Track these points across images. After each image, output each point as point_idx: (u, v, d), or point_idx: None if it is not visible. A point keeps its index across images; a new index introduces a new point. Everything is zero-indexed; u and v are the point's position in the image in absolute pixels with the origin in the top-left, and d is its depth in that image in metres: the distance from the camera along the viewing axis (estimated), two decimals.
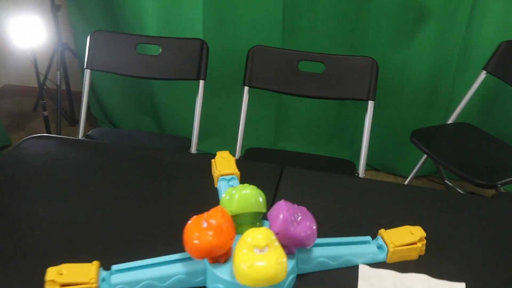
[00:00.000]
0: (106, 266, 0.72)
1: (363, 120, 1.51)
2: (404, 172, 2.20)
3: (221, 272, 0.70)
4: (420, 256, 0.81)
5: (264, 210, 0.75)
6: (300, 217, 0.71)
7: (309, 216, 0.73)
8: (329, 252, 0.76)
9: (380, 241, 0.80)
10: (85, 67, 1.65)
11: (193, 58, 1.62)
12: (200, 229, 0.69)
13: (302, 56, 1.57)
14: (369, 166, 2.32)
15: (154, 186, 0.97)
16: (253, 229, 0.66)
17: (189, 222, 0.71)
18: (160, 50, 1.63)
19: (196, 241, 0.68)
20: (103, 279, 0.70)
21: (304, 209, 0.74)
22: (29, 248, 0.79)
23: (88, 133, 1.71)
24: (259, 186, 0.96)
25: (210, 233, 0.68)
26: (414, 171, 1.98)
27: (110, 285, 0.70)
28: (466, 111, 1.92)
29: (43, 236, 0.81)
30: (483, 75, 1.81)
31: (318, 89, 1.56)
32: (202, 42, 1.61)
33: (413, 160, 2.03)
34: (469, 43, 1.96)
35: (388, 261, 0.79)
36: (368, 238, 0.81)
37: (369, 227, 0.84)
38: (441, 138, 1.81)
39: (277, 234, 0.69)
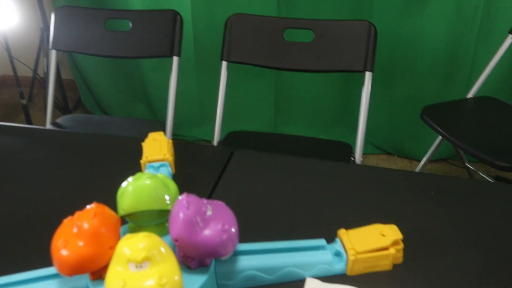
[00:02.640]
0: None
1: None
2: (420, 156, 1.94)
3: None
4: (395, 266, 0.59)
5: (170, 208, 0.55)
6: (210, 215, 0.51)
7: (227, 214, 0.53)
8: (262, 262, 0.56)
9: (338, 245, 0.59)
10: (50, 47, 1.49)
11: (165, 32, 1.43)
12: (69, 235, 0.50)
13: (287, 24, 1.35)
14: (380, 149, 2.08)
15: (66, 177, 0.79)
16: (130, 235, 0.47)
17: (61, 226, 0.52)
18: (131, 25, 1.45)
19: (63, 252, 0.49)
20: None
21: (220, 204, 0.54)
22: None
23: (58, 120, 1.55)
24: (201, 173, 0.78)
25: (81, 241, 0.49)
26: (429, 153, 1.73)
27: None
28: (489, 83, 1.66)
29: None
30: (509, 39, 1.54)
31: (307, 60, 1.34)
32: (175, 13, 1.42)
33: (429, 142, 1.78)
34: (493, 3, 1.68)
35: (349, 273, 0.58)
36: (322, 241, 0.59)
37: (331, 227, 0.63)
38: (458, 115, 1.55)
39: (175, 241, 0.50)
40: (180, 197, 0.52)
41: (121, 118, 1.74)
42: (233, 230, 0.52)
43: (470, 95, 1.62)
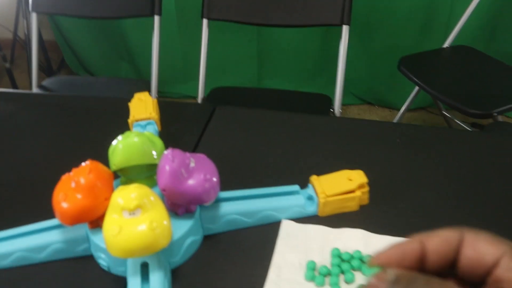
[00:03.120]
0: None
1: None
2: (400, 105, 2.00)
3: (100, 239, 0.57)
4: (361, 208, 0.67)
5: (157, 162, 0.61)
6: (193, 167, 0.57)
7: (208, 165, 0.59)
8: (242, 207, 0.63)
9: (310, 190, 0.66)
10: (30, 9, 1.49)
11: None
12: (68, 190, 0.56)
13: None
14: (361, 100, 2.14)
15: (56, 138, 0.84)
16: (123, 187, 0.53)
17: (60, 182, 0.58)
18: None
19: (63, 204, 0.55)
20: None
21: (202, 157, 0.60)
22: None
23: (43, 82, 1.58)
24: (184, 129, 0.83)
25: (79, 194, 0.55)
26: (407, 103, 1.79)
27: None
28: (466, 33, 1.70)
29: None
30: None
31: (286, 16, 1.37)
32: None
33: (408, 91, 1.84)
34: None
35: (320, 214, 0.65)
36: (296, 187, 0.66)
37: (305, 175, 0.69)
38: (434, 65, 1.61)
39: (163, 190, 0.56)
40: (165, 152, 0.57)
41: (106, 78, 1.76)
42: (214, 179, 0.58)
43: (446, 44, 1.67)
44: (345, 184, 0.65)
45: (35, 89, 1.52)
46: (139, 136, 0.61)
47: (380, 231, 0.62)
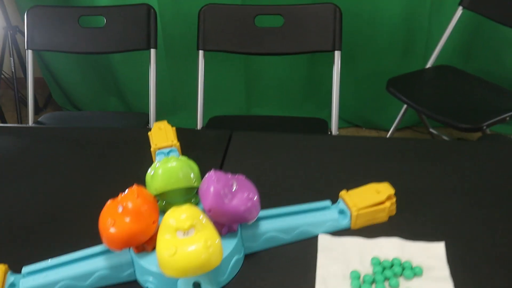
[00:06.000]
0: (17, 268, 0.61)
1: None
2: (386, 126, 2.07)
3: (148, 262, 0.58)
4: (390, 218, 0.70)
5: (196, 185, 0.63)
6: (235, 188, 0.59)
7: (248, 185, 0.61)
8: (280, 224, 0.65)
9: (341, 205, 0.68)
10: (26, 47, 1.50)
11: (140, 26, 1.47)
12: (115, 215, 0.57)
13: (257, 10, 1.42)
14: (349, 123, 2.20)
15: (82, 169, 0.84)
16: (174, 208, 0.54)
17: (105, 208, 0.59)
18: (105, 20, 1.48)
19: (112, 230, 0.56)
20: (12, 285, 0.59)
21: (242, 178, 0.62)
22: None
23: (39, 119, 1.57)
24: (205, 155, 0.85)
25: (127, 218, 0.56)
26: (395, 123, 1.86)
27: None
28: (445, 53, 1.79)
29: None
30: (459, 11, 1.67)
31: (279, 44, 1.42)
32: (148, 7, 1.46)
33: (394, 112, 1.90)
34: None
35: (353, 227, 0.68)
36: (327, 203, 0.69)
37: (331, 191, 0.72)
38: (420, 84, 1.68)
39: (209, 211, 0.58)
40: (208, 174, 0.59)
41: (103, 112, 1.77)
42: (255, 198, 0.60)
43: (429, 65, 1.75)
44: (374, 197, 0.68)
45: (32, 125, 1.51)
46: (177, 160, 0.62)
47: (411, 238, 0.65)
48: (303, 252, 0.64)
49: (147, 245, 0.59)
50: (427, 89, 1.66)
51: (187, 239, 0.52)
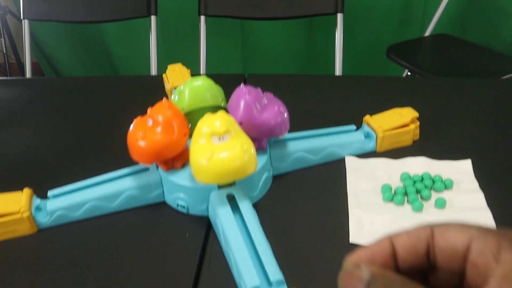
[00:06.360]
0: (42, 194, 0.59)
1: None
2: None
3: (179, 177, 0.57)
4: (414, 142, 0.69)
5: (223, 104, 0.62)
6: (266, 102, 0.58)
7: (278, 101, 0.60)
8: (307, 145, 0.64)
9: (366, 128, 0.68)
10: (22, 17, 1.47)
11: None
12: (145, 128, 0.56)
13: None
14: None
15: (100, 112, 0.83)
16: (208, 115, 0.53)
17: (132, 125, 0.57)
18: None
19: (141, 143, 0.55)
20: (38, 208, 0.57)
21: (270, 95, 0.61)
22: None
23: None
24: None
25: (158, 129, 0.55)
26: None
27: (47, 213, 0.57)
28: (443, 22, 1.80)
29: None
30: None
31: (282, 8, 1.42)
32: None
33: None
34: None
35: (378, 149, 0.67)
36: (353, 127, 0.68)
37: (355, 120, 0.71)
38: (419, 50, 1.69)
39: (240, 123, 0.57)
40: (238, 88, 0.59)
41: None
42: (285, 113, 0.59)
43: (427, 33, 1.76)
44: (398, 119, 0.68)
45: None
46: (203, 79, 0.61)
47: (437, 158, 0.65)
48: (331, 173, 0.64)
49: (177, 161, 0.58)
50: (427, 55, 1.67)
51: (223, 144, 0.51)
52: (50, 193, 0.59)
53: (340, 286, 0.22)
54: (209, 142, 0.52)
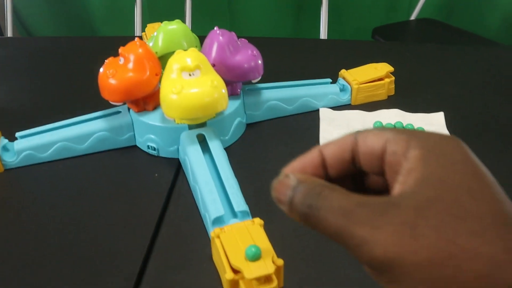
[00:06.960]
0: (12, 138, 0.58)
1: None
2: None
3: (150, 118, 0.57)
4: (389, 97, 0.70)
5: (197, 47, 0.62)
6: (239, 45, 0.58)
7: (251, 46, 0.60)
8: (282, 94, 0.64)
9: (342, 81, 0.68)
10: None
11: None
12: (116, 66, 0.55)
13: None
14: None
15: (78, 71, 0.82)
16: (178, 51, 0.53)
17: (105, 64, 0.57)
18: None
19: (112, 80, 0.54)
20: (5, 148, 0.56)
21: (245, 40, 0.61)
22: None
23: None
24: None
25: (130, 66, 0.54)
26: None
27: (14, 153, 0.56)
28: (429, 8, 1.81)
29: None
30: None
31: None
32: None
33: None
34: None
35: (353, 102, 0.67)
36: (328, 80, 0.68)
37: (330, 76, 0.71)
38: (406, 34, 1.70)
39: (213, 65, 0.56)
40: (212, 31, 0.58)
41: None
42: (259, 58, 0.59)
43: (413, 17, 1.77)
44: (373, 73, 0.68)
45: None
46: (178, 23, 0.61)
47: (411, 112, 0.65)
48: (305, 123, 0.63)
49: (148, 103, 0.57)
50: (411, 38, 1.67)
51: (193, 80, 0.51)
52: (18, 134, 0.58)
53: (273, 194, 0.24)
54: (179, 77, 0.51)
